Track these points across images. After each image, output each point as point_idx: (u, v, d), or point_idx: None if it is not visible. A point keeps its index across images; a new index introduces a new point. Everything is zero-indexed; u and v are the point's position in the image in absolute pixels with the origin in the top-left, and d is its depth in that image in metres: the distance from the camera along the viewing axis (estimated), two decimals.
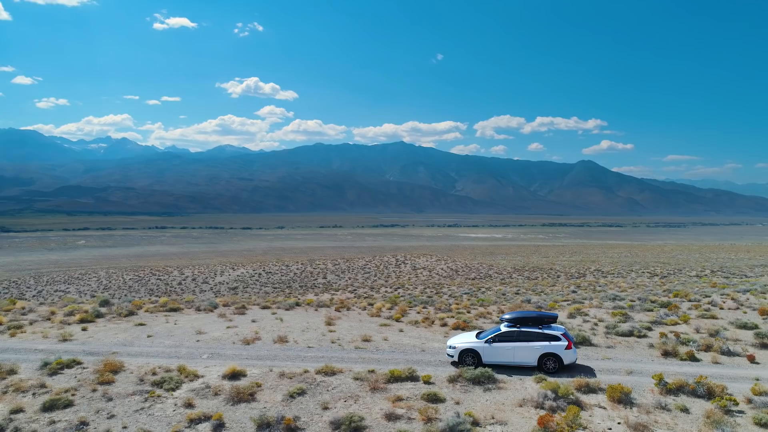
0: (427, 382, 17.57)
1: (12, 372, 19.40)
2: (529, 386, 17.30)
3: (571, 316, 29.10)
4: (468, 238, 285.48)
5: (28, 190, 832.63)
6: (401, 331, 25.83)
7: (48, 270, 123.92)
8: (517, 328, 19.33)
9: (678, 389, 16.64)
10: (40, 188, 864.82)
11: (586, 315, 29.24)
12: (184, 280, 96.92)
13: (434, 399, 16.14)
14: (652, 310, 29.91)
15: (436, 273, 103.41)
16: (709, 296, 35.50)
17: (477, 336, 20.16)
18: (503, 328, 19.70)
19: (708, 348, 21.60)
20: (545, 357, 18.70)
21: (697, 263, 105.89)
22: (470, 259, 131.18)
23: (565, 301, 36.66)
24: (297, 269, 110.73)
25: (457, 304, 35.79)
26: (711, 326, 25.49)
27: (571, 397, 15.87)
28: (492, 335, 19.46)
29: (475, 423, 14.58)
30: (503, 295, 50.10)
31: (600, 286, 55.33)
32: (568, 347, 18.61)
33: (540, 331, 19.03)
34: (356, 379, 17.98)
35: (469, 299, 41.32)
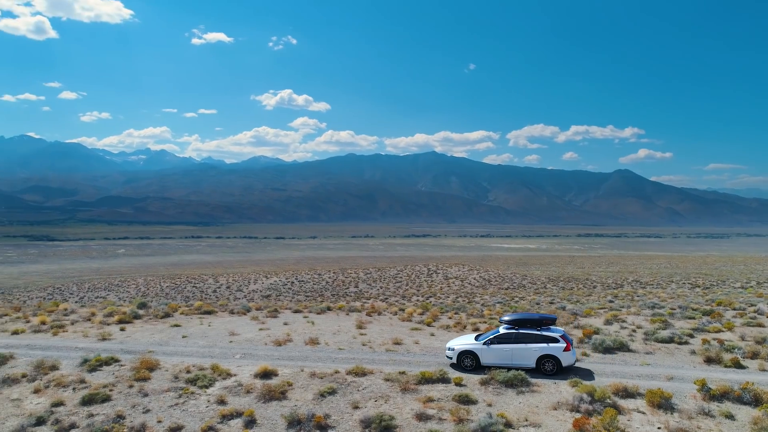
0: (458, 384, 17.32)
1: (54, 368, 20.06)
2: (564, 390, 16.85)
3: (608, 322, 28.30)
4: (501, 249, 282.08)
5: (73, 201, 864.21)
6: (432, 335, 25.60)
7: (89, 277, 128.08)
8: (516, 330, 19.12)
9: (722, 395, 15.94)
10: (84, 198, 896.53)
11: (624, 321, 28.39)
12: (218, 287, 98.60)
13: (466, 400, 15.89)
14: (693, 318, 28.84)
15: (468, 282, 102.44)
16: (755, 305, 34.04)
17: (476, 338, 20.04)
18: (502, 330, 19.50)
19: (754, 355, 20.67)
20: (543, 359, 18.42)
21: (742, 275, 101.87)
22: (503, 269, 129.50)
23: (601, 309, 35.69)
24: (329, 278, 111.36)
25: (489, 310, 35.30)
26: (757, 334, 24.41)
27: (608, 401, 15.38)
28: (490, 337, 19.33)
29: (508, 424, 14.27)
30: (537, 304, 49.21)
31: (638, 296, 53.76)
32: (566, 349, 18.32)
33: (538, 332, 18.77)
34: (387, 380, 17.87)
35: (501, 307, 40.72)
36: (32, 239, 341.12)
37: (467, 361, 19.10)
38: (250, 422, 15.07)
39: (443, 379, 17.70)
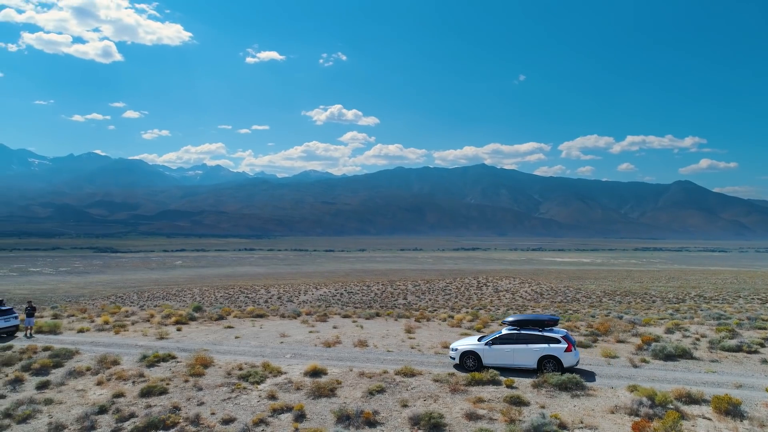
0: (509, 387, 16.90)
1: (115, 363, 21.01)
2: (622, 394, 16.14)
3: (669, 331, 26.97)
4: (553, 263, 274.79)
5: (134, 214, 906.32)
6: None
7: (149, 287, 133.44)
8: (518, 330, 19.06)
9: None
10: (144, 212, 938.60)
11: (686, 330, 26.98)
12: (270, 298, 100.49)
13: (517, 402, 15.48)
14: (764, 328, 27.09)
15: (519, 296, 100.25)
16: None
17: (479, 339, 20.02)
18: (505, 331, 19.47)
19: None
20: (545, 359, 18.28)
21: None
22: (556, 283, 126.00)
23: (662, 319, 34.08)
24: (378, 290, 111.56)
25: None
26: None
27: (670, 406, 14.60)
28: (492, 338, 19.36)
29: (562, 426, 13.78)
30: (592, 317, 47.50)
31: (702, 310, 51.04)
32: (567, 350, 18.13)
33: (540, 333, 18.67)
34: (436, 380, 17.68)
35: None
36: (97, 251, 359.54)
37: (469, 362, 19.17)
38: (300, 416, 15.23)
39: (494, 381, 17.33)
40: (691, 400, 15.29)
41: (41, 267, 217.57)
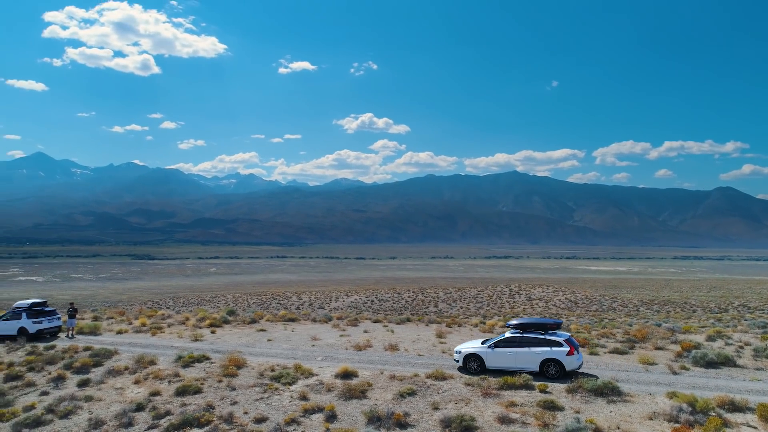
0: (543, 391, 16.60)
1: (152, 363, 21.54)
2: (660, 400, 15.65)
3: (710, 339, 26.03)
4: (588, 271, 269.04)
5: (170, 222, 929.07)
6: None
7: (184, 293, 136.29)
8: (521, 333, 19.13)
9: None
10: (180, 220, 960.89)
11: (729, 338, 26.01)
12: (301, 304, 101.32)
13: (551, 406, 15.18)
14: None
15: (553, 304, 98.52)
16: None
17: (482, 342, 20.07)
18: (508, 334, 19.57)
19: None
20: (547, 362, 18.28)
21: None
22: (591, 292, 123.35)
23: (703, 327, 32.97)
24: (408, 297, 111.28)
25: (576, 326, 33.68)
26: None
27: (712, 413, 14.07)
28: (495, 341, 19.45)
29: (598, 431, 13.44)
30: (630, 325, 46.24)
31: (746, 320, 49.10)
32: (569, 353, 18.10)
33: (542, 336, 18.68)
34: (467, 384, 17.50)
35: (590, 323, 38.69)
36: (135, 258, 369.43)
37: (472, 364, 19.32)
38: (331, 417, 15.29)
39: (526, 386, 17.06)
40: (735, 407, 14.71)
41: (82, 273, 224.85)
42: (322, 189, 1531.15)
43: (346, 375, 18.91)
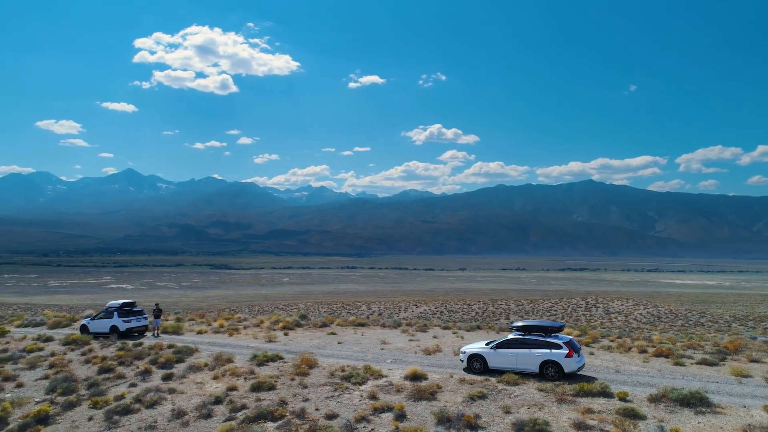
0: (622, 399, 15.76)
1: (229, 361, 22.50)
2: (756, 413, 14.41)
3: None
4: (672, 285, 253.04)
5: (246, 234, 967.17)
6: (592, 354, 23.70)
7: (259, 302, 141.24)
8: (523, 335, 19.53)
9: None
10: (255, 232, 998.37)
11: None
12: (371, 314, 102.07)
13: (632, 415, 14.36)
14: None
15: (633, 318, 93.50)
16: None
17: (486, 344, 20.49)
18: (511, 336, 20.01)
19: None
20: (546, 364, 18.58)
21: None
22: (676, 306, 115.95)
23: None
24: (479, 308, 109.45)
25: (659, 336, 31.76)
26: None
27: None
28: (498, 342, 19.94)
29: None
30: (720, 339, 43.02)
31: None
32: (568, 355, 18.35)
33: (542, 339, 19.04)
34: (540, 390, 16.94)
35: (676, 334, 36.35)
36: (214, 268, 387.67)
37: (476, 364, 19.87)
38: (401, 416, 15.28)
39: (604, 393, 16.26)
40: None
41: (166, 282, 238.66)
42: (391, 200, 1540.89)
43: (416, 377, 18.85)
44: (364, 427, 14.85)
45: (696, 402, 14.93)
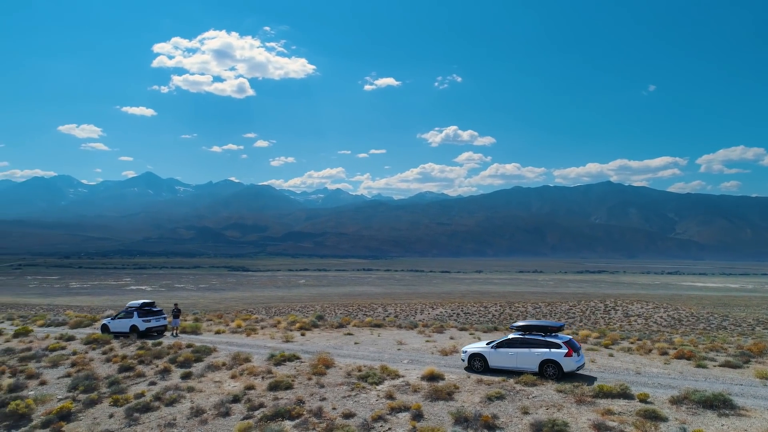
0: (643, 401, 15.53)
1: (247, 360, 22.66)
2: None
3: None
4: (693, 287, 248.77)
5: (263, 236, 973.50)
6: (611, 355, 23.40)
7: (275, 303, 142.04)
8: (523, 335, 19.71)
9: None
10: (272, 234, 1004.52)
11: None
12: (387, 316, 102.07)
13: (653, 416, 14.14)
14: None
15: (653, 321, 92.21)
16: None
17: (487, 343, 20.65)
18: (511, 335, 20.21)
19: None
20: (545, 363, 18.70)
21: None
22: (697, 309, 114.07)
23: None
24: (495, 311, 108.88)
25: (680, 339, 31.25)
26: None
27: None
28: (498, 342, 20.08)
29: None
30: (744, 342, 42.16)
31: None
32: (567, 354, 18.45)
33: (542, 338, 19.19)
34: (559, 391, 16.76)
35: (698, 338, 35.75)
36: (231, 270, 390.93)
37: (477, 363, 20.03)
38: (418, 416, 15.24)
39: (624, 395, 16.04)
40: None
41: (185, 283, 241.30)
42: (407, 203, 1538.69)
43: (432, 377, 18.79)
44: (381, 426, 14.84)
45: (719, 404, 14.66)
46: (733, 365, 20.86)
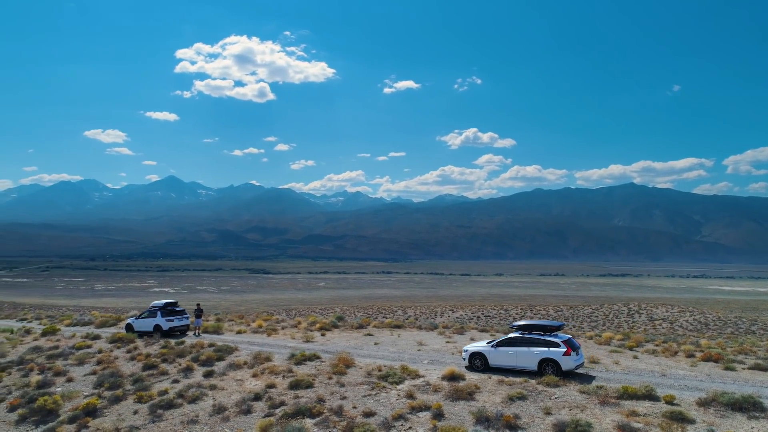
0: (669, 403, 15.21)
1: (268, 359, 22.82)
2: None
3: None
4: (720, 291, 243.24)
5: (284, 239, 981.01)
6: (635, 357, 23.00)
7: (295, 305, 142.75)
8: (523, 334, 19.88)
9: None
10: (292, 237, 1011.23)
11: None
12: (407, 318, 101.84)
13: (679, 418, 13.85)
14: None
15: (678, 325, 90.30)
16: None
17: (487, 342, 20.86)
18: (512, 334, 20.43)
19: None
20: (544, 362, 18.85)
21: None
22: (724, 313, 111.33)
23: None
24: (516, 314, 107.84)
25: (707, 342, 30.57)
26: None
27: None
28: (498, 341, 20.26)
29: None
30: None
31: None
32: (566, 353, 18.54)
33: (541, 337, 19.33)
34: (582, 392, 16.52)
35: (725, 341, 34.96)
36: (252, 272, 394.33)
37: (477, 362, 20.27)
38: (438, 415, 15.16)
39: (650, 396, 15.73)
40: None
41: (206, 286, 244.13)
42: (427, 205, 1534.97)
43: (453, 377, 18.70)
44: (402, 425, 14.80)
45: (749, 406, 14.29)
46: (763, 368, 20.34)
